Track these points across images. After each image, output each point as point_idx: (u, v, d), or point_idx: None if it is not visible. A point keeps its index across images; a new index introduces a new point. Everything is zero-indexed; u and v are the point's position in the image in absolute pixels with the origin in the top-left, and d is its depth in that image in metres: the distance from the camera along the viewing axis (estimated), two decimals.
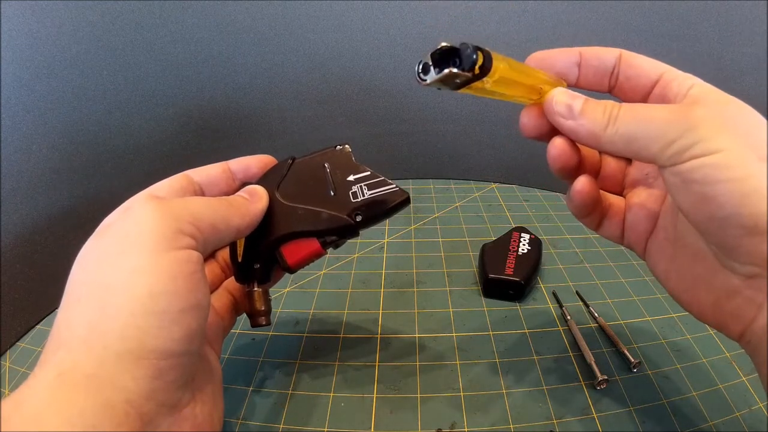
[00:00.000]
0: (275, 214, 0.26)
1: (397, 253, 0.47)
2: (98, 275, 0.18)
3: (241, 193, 0.25)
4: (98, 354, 0.17)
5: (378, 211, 0.26)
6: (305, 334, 0.36)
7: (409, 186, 0.61)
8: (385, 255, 0.46)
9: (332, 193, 0.26)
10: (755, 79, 0.42)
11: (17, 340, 0.38)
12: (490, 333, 0.36)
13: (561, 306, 0.38)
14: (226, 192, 0.26)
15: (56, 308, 0.40)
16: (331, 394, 0.31)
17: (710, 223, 0.18)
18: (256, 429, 0.29)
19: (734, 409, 0.29)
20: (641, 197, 0.25)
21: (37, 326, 0.39)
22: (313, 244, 0.26)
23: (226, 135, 0.54)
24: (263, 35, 0.51)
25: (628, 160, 0.26)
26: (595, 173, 0.26)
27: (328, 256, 0.46)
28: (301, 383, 0.32)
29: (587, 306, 0.38)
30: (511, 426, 0.29)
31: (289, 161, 0.27)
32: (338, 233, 0.26)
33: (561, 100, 0.21)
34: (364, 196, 0.26)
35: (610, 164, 0.26)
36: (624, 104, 0.20)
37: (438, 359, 0.34)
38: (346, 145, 0.27)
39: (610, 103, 0.20)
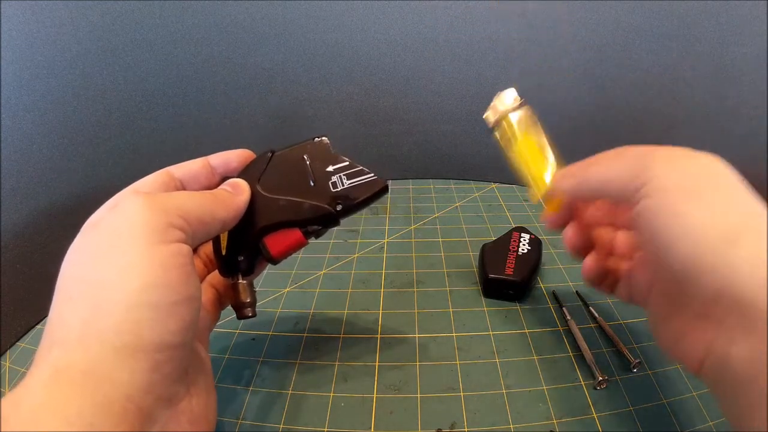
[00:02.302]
0: (257, 206, 0.26)
1: (397, 253, 0.47)
2: (90, 271, 0.18)
3: (224, 186, 0.26)
4: (95, 350, 0.17)
5: (356, 198, 0.27)
6: (305, 334, 0.36)
7: (409, 186, 0.61)
8: (385, 255, 0.46)
9: (312, 184, 0.27)
10: (755, 79, 0.42)
11: (17, 340, 0.38)
12: (490, 333, 0.36)
13: (561, 306, 0.38)
14: (207, 186, 0.27)
15: None
16: (331, 394, 0.31)
17: (661, 260, 0.19)
18: (256, 429, 0.29)
19: None
20: (642, 257, 0.26)
21: (37, 326, 0.39)
22: (296, 233, 0.27)
23: (225, 135, 0.54)
24: (263, 35, 0.51)
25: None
26: (609, 250, 0.28)
27: (328, 256, 0.46)
28: (301, 383, 0.32)
29: (587, 306, 0.38)
30: (511, 426, 0.29)
31: (269, 154, 0.27)
32: (320, 222, 0.27)
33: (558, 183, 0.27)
34: (343, 185, 0.27)
35: (620, 237, 0.28)
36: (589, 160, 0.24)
37: (438, 359, 0.34)
38: (324, 137, 0.28)
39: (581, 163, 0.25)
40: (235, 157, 0.28)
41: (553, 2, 0.49)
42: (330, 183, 0.27)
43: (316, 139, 0.28)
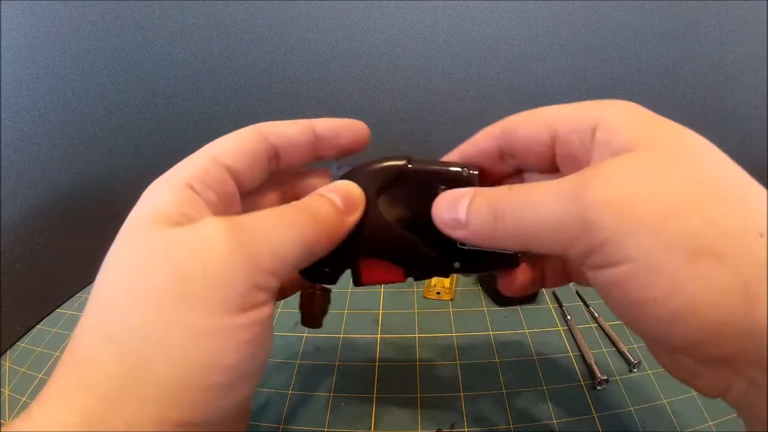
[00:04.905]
0: (368, 223, 0.21)
1: None
2: (143, 322, 0.15)
3: (331, 194, 0.19)
4: (133, 415, 0.14)
5: (481, 267, 0.22)
6: (305, 334, 0.36)
7: None
8: None
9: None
10: (755, 79, 0.42)
11: (17, 340, 0.38)
12: (490, 333, 0.36)
13: (561, 306, 0.38)
14: (307, 160, 0.21)
15: (56, 308, 0.40)
16: (331, 394, 0.31)
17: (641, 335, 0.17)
18: (256, 429, 0.29)
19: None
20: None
21: (37, 326, 0.39)
22: (398, 273, 0.22)
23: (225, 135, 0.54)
24: (263, 35, 0.51)
25: None
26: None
27: None
28: (302, 383, 0.32)
29: (587, 306, 0.38)
30: (511, 426, 0.29)
31: (403, 162, 0.21)
32: (429, 274, 0.23)
33: (442, 212, 0.19)
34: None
35: None
36: (514, 189, 0.17)
37: (438, 359, 0.34)
38: (474, 171, 0.21)
39: (500, 194, 0.17)
40: (349, 131, 0.21)
41: (552, 2, 0.49)
42: None
43: (465, 169, 0.21)
